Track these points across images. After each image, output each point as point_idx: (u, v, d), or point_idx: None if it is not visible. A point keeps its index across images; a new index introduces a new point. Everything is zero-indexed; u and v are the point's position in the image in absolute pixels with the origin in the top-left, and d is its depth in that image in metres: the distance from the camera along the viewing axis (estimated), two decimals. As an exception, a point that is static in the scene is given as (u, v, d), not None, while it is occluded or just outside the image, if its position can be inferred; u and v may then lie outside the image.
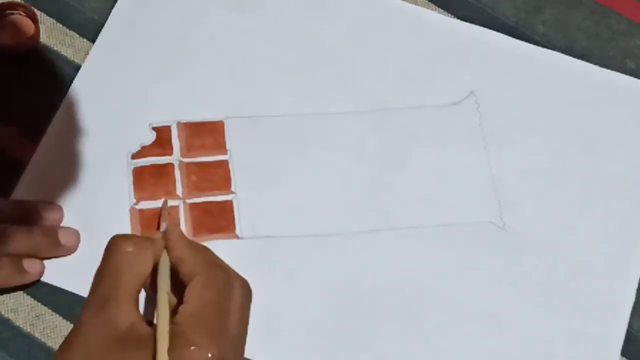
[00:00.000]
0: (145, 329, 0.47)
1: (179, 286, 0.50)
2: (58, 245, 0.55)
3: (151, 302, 0.53)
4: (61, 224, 0.57)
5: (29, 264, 0.54)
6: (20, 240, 0.54)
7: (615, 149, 0.61)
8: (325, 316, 0.56)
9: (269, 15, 0.64)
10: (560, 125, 0.62)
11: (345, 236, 0.58)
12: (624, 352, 0.56)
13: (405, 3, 0.65)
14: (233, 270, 0.50)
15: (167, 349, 0.45)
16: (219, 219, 0.58)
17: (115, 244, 0.50)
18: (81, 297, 0.55)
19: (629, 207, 0.60)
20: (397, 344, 0.56)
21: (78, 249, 0.56)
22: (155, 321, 0.49)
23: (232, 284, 0.49)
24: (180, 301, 0.48)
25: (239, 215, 0.58)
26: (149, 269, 0.50)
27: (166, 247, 0.51)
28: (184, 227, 0.57)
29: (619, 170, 0.61)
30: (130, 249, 0.49)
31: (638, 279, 0.58)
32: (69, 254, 0.56)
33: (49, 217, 0.56)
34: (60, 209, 0.57)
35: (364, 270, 0.57)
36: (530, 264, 0.58)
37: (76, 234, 0.56)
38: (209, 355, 0.45)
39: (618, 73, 0.63)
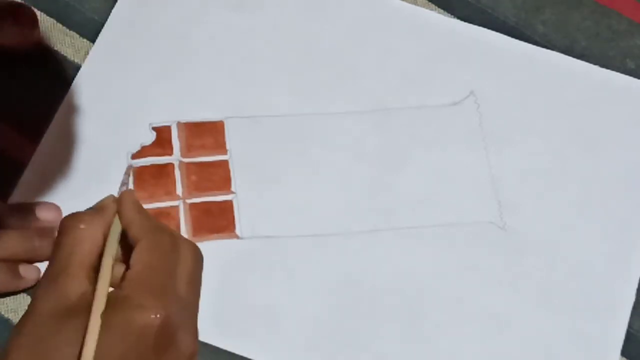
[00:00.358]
0: None
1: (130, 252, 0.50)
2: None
3: None
4: None
5: (25, 270, 0.54)
6: (16, 245, 0.54)
7: (615, 149, 0.61)
8: (325, 316, 0.56)
9: (269, 15, 0.64)
10: (560, 125, 0.62)
11: (345, 236, 0.58)
12: (624, 352, 0.56)
13: (405, 3, 0.65)
14: (180, 235, 0.51)
15: (101, 311, 0.45)
16: (219, 219, 0.58)
17: (65, 223, 0.51)
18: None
19: (629, 207, 0.60)
20: (397, 344, 0.56)
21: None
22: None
23: (178, 247, 0.50)
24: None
25: (239, 215, 0.58)
26: (100, 240, 0.50)
27: (118, 212, 0.51)
28: (184, 227, 0.57)
29: (619, 170, 0.61)
30: (81, 225, 0.50)
31: (638, 279, 0.58)
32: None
33: (46, 217, 0.56)
34: (58, 208, 0.57)
35: (364, 270, 0.57)
36: (530, 264, 0.58)
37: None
38: (155, 315, 0.45)
39: (618, 73, 0.63)
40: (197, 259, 0.50)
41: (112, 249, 0.50)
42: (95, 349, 0.44)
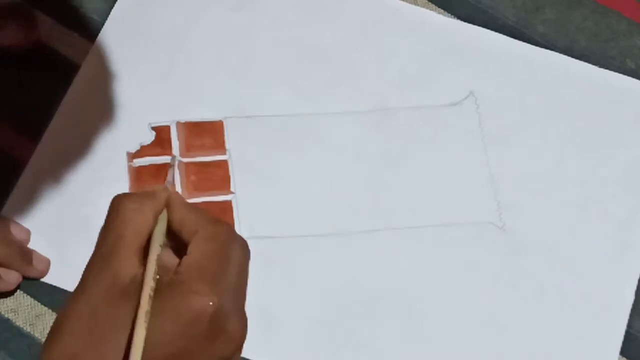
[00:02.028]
0: None
1: (181, 249, 0.49)
2: (29, 264, 0.56)
3: None
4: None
5: (6, 273, 0.55)
6: None
7: (615, 149, 0.61)
8: (325, 316, 0.56)
9: (269, 15, 0.64)
10: (560, 125, 0.62)
11: (345, 236, 0.58)
12: (624, 352, 0.56)
13: (405, 3, 0.65)
14: (233, 227, 0.50)
15: (149, 296, 0.45)
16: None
17: (117, 203, 0.50)
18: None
19: (628, 207, 0.60)
20: (397, 343, 0.56)
21: (78, 251, 0.56)
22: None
23: (233, 237, 0.50)
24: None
25: (238, 215, 0.58)
26: (150, 223, 0.49)
27: (167, 209, 0.51)
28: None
29: (618, 171, 0.61)
30: (132, 206, 0.49)
31: (637, 279, 0.58)
32: (36, 278, 0.56)
33: (19, 236, 0.56)
34: (28, 231, 0.57)
35: (363, 270, 0.57)
36: (530, 264, 0.58)
37: (48, 263, 0.57)
38: (210, 303, 0.45)
39: (618, 73, 0.63)
40: (247, 250, 0.51)
41: (161, 236, 0.49)
42: (147, 333, 0.44)
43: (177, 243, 0.50)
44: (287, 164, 0.60)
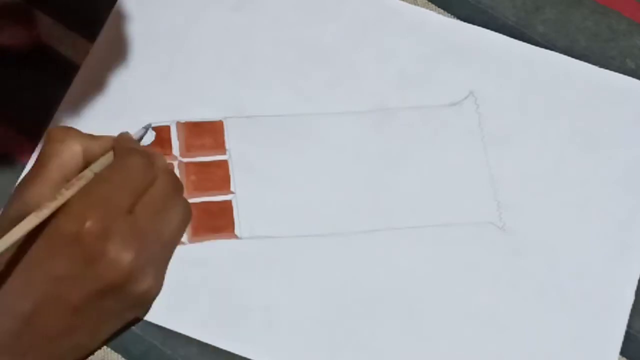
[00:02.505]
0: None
1: None
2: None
3: None
4: None
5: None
6: None
7: (615, 149, 0.61)
8: (325, 316, 0.56)
9: (269, 15, 0.64)
10: (559, 125, 0.62)
11: (345, 236, 0.58)
12: (623, 352, 0.56)
13: (405, 3, 0.65)
14: (172, 175, 0.51)
15: (50, 207, 0.46)
16: (218, 219, 0.58)
17: (48, 134, 0.51)
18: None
19: (628, 207, 0.60)
20: (397, 344, 0.56)
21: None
22: None
23: (153, 177, 0.49)
24: None
25: (238, 216, 0.58)
26: (78, 159, 0.50)
27: (114, 150, 0.51)
28: (183, 227, 0.57)
29: (618, 171, 0.61)
30: (61, 137, 0.50)
31: (637, 279, 0.58)
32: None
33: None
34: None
35: (364, 270, 0.57)
36: (530, 264, 0.58)
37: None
38: (87, 224, 0.45)
39: (618, 73, 0.63)
40: (188, 215, 0.51)
41: (99, 165, 0.50)
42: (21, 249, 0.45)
43: None
44: (287, 164, 0.60)
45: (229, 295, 0.56)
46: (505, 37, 0.64)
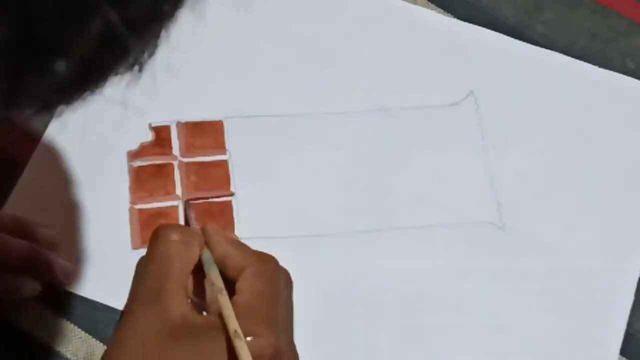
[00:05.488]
0: (198, 318, 0.46)
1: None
2: (53, 273, 0.55)
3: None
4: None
5: (26, 281, 0.54)
6: (20, 256, 0.53)
7: (615, 149, 0.61)
8: (325, 316, 0.56)
9: (269, 15, 0.64)
10: (560, 125, 0.62)
11: (345, 236, 0.58)
12: (623, 352, 0.56)
13: (405, 3, 0.65)
14: (276, 259, 0.50)
15: (235, 319, 0.45)
16: (218, 219, 0.58)
17: (162, 233, 0.49)
18: (81, 297, 0.56)
19: (628, 207, 0.60)
20: (397, 344, 0.56)
21: (77, 250, 0.56)
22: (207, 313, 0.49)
23: (279, 272, 0.49)
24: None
25: (238, 216, 0.58)
26: (195, 259, 0.49)
27: (208, 245, 0.50)
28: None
29: (618, 170, 0.61)
30: (177, 237, 0.48)
31: (637, 279, 0.58)
32: (63, 285, 0.56)
33: (44, 237, 0.55)
34: (56, 236, 0.56)
35: (364, 271, 0.57)
36: (529, 264, 0.58)
37: (73, 271, 0.56)
38: (268, 344, 0.45)
39: (618, 73, 0.63)
40: (291, 283, 0.50)
41: (218, 276, 0.49)
42: None
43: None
44: (287, 164, 0.60)
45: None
46: (505, 37, 0.64)
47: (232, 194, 0.59)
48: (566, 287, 0.57)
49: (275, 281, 0.48)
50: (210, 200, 0.58)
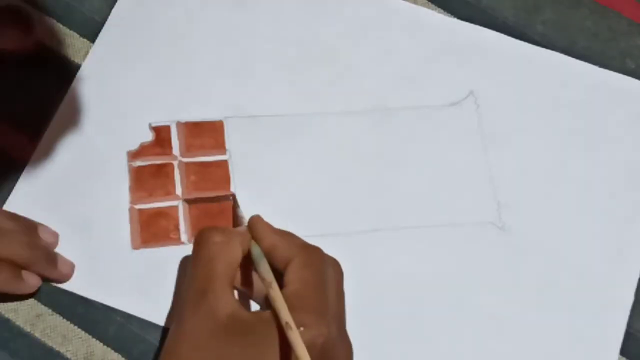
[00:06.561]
0: (247, 315, 0.47)
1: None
2: (54, 267, 0.55)
3: (240, 295, 0.53)
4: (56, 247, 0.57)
5: (27, 275, 0.54)
6: (21, 250, 0.54)
7: (615, 149, 0.61)
8: (325, 316, 0.56)
9: (269, 15, 0.64)
10: (560, 125, 0.62)
11: (345, 236, 0.58)
12: (623, 352, 0.56)
13: (405, 3, 0.65)
14: (322, 250, 0.51)
15: (287, 310, 0.45)
16: (218, 219, 0.58)
17: (204, 236, 0.50)
18: (81, 297, 0.56)
19: (628, 207, 0.60)
20: (397, 343, 0.56)
21: (77, 250, 0.57)
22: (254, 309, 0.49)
23: (326, 261, 0.50)
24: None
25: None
26: (239, 256, 0.50)
27: (254, 237, 0.51)
28: (183, 227, 0.57)
29: (618, 170, 0.61)
30: (219, 239, 0.49)
31: (637, 279, 0.58)
32: (61, 282, 0.56)
33: (47, 239, 0.56)
34: (57, 234, 0.57)
35: (364, 270, 0.57)
36: (529, 264, 0.58)
37: (72, 267, 0.56)
38: (319, 334, 0.46)
39: (618, 73, 0.63)
40: (340, 271, 0.51)
41: (268, 269, 0.49)
42: None
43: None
44: (287, 164, 0.60)
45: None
46: (505, 37, 0.64)
47: (232, 194, 0.59)
48: (566, 287, 0.57)
49: (323, 270, 0.49)
50: (210, 199, 0.58)
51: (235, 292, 0.51)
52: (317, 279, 0.48)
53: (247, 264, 0.51)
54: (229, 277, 0.48)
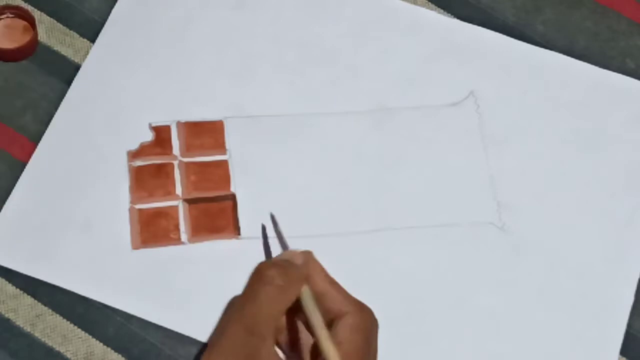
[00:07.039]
0: None
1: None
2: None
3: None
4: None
5: None
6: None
7: (615, 149, 0.61)
8: (325, 316, 0.56)
9: (269, 15, 0.64)
10: (560, 125, 0.62)
11: (345, 236, 0.58)
12: (623, 352, 0.56)
13: (405, 3, 0.65)
14: (373, 312, 0.51)
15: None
16: (218, 219, 0.58)
17: (265, 274, 0.49)
18: (81, 297, 0.56)
19: (628, 207, 0.60)
20: (397, 343, 0.56)
21: (77, 250, 0.57)
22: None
23: (375, 326, 0.50)
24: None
25: (238, 216, 0.58)
26: (292, 301, 0.49)
27: (309, 279, 0.50)
28: (183, 227, 0.57)
29: (618, 170, 0.61)
30: (280, 282, 0.49)
31: (637, 279, 0.58)
32: None
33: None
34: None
35: (364, 271, 0.57)
36: (529, 264, 0.58)
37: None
38: None
39: (618, 73, 0.63)
40: (377, 329, 0.51)
41: (319, 318, 0.49)
42: None
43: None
44: (287, 164, 0.60)
45: (229, 295, 0.56)
46: (505, 37, 0.64)
47: (232, 194, 0.59)
48: (566, 287, 0.57)
49: (372, 337, 0.50)
50: (210, 199, 0.58)
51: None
52: (367, 346, 0.49)
53: (294, 308, 0.50)
54: (277, 321, 0.48)
